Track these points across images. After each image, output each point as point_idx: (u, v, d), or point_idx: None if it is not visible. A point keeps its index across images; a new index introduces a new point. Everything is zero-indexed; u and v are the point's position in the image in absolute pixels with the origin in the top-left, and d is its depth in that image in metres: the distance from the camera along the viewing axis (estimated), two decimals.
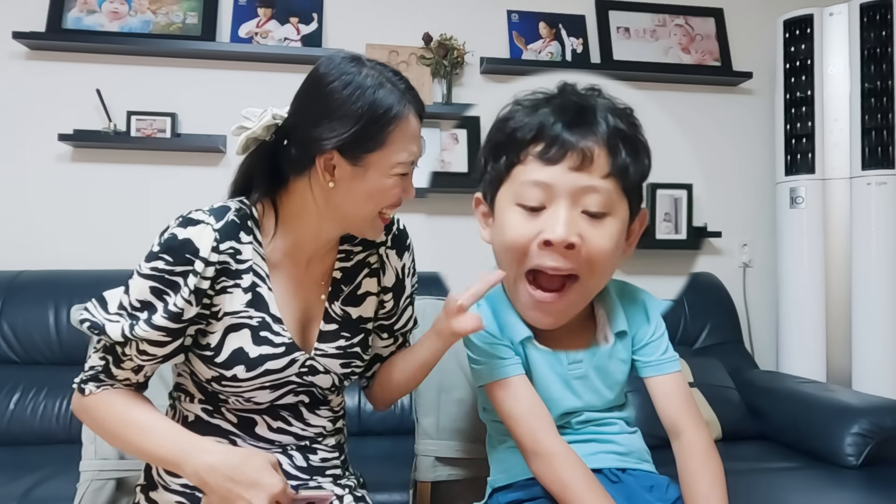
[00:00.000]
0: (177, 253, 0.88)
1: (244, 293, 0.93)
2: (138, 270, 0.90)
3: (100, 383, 0.93)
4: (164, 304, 0.88)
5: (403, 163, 0.90)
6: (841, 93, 2.31)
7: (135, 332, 0.87)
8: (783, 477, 1.56)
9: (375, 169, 0.89)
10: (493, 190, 0.87)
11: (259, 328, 0.94)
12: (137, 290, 0.89)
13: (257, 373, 0.93)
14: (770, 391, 1.95)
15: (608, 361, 1.02)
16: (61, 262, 2.12)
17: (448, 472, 1.33)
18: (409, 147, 0.90)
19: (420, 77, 2.40)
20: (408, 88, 0.91)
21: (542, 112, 0.80)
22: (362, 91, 0.87)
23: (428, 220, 2.40)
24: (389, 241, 1.07)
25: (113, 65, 2.27)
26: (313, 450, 1.02)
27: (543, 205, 0.79)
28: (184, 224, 0.90)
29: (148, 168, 2.28)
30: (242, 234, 0.94)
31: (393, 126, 0.87)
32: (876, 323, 2.20)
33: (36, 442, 1.75)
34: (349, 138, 0.86)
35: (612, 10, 2.58)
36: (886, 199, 2.21)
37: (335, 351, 1.00)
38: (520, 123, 0.81)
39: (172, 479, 0.97)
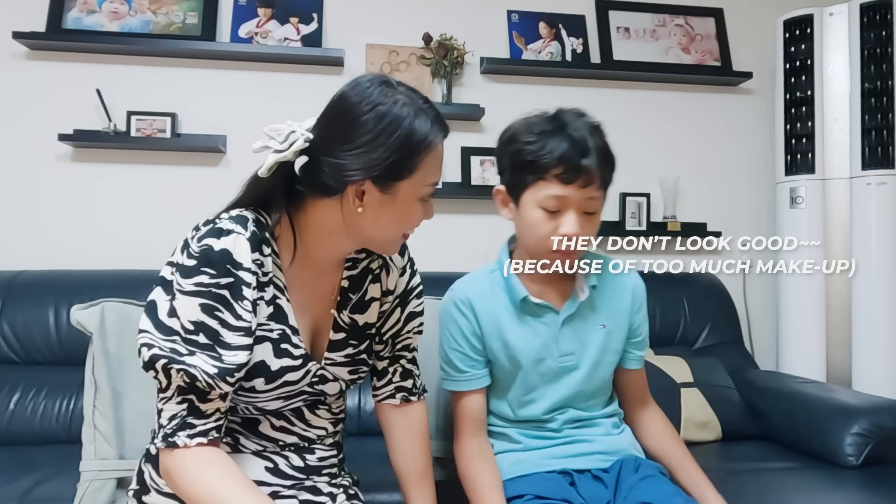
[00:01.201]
0: (217, 264, 0.86)
1: (267, 306, 0.93)
2: (179, 289, 0.86)
3: (191, 429, 0.86)
4: (221, 322, 0.86)
5: (430, 186, 0.93)
6: (841, 93, 2.31)
7: (228, 362, 0.85)
8: (783, 477, 1.56)
9: (405, 195, 0.90)
10: (517, 191, 1.13)
11: (280, 340, 0.94)
12: (187, 311, 0.86)
13: (276, 385, 0.94)
14: (770, 391, 1.95)
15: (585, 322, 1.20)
16: (61, 262, 2.12)
17: (447, 473, 1.33)
18: (436, 173, 0.93)
19: (420, 77, 2.40)
20: (437, 116, 0.92)
21: (559, 143, 1.07)
22: (398, 122, 0.87)
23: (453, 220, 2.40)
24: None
25: (113, 65, 2.27)
26: (311, 450, 1.03)
27: (559, 209, 1.09)
28: (216, 235, 0.88)
29: (148, 168, 2.28)
30: (263, 246, 0.92)
31: (424, 154, 0.89)
32: (876, 323, 2.20)
33: (36, 442, 1.75)
34: (384, 169, 0.87)
35: (612, 10, 2.58)
36: (886, 199, 2.21)
37: (344, 359, 1.02)
38: (543, 151, 1.07)
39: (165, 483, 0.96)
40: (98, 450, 1.17)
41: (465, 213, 2.43)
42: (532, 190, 1.10)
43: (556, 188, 1.07)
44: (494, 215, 2.39)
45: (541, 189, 1.09)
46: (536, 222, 1.11)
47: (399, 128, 0.86)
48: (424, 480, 1.10)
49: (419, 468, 1.10)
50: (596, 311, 1.20)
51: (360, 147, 0.86)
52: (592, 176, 1.07)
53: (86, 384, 1.21)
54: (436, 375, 1.33)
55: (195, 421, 0.87)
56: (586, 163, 1.06)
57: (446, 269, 2.23)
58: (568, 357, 1.18)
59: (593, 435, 1.20)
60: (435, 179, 0.93)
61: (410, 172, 0.88)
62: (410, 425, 1.12)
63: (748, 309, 2.60)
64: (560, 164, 1.06)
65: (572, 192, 1.07)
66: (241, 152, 2.27)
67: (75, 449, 1.19)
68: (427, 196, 0.93)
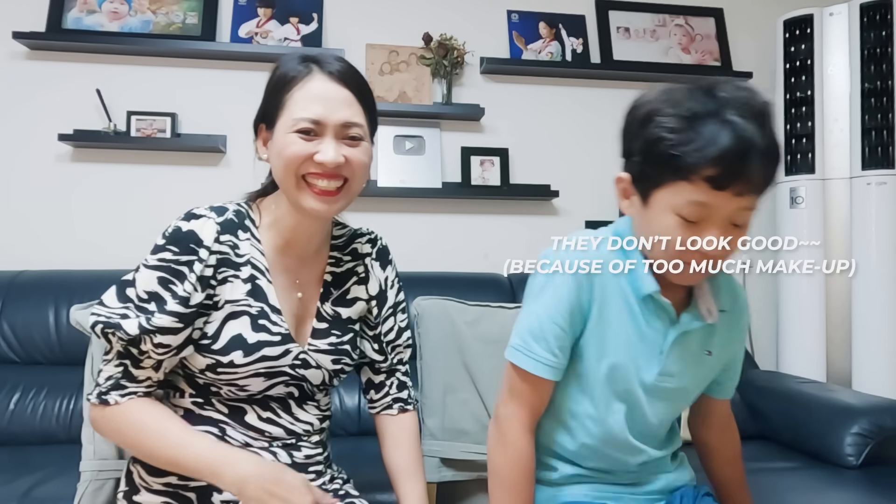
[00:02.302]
0: (182, 243, 0.93)
1: (244, 283, 0.98)
2: (144, 263, 0.94)
3: (123, 390, 0.94)
4: (172, 293, 0.92)
5: (302, 119, 0.94)
6: (841, 93, 2.31)
7: (152, 322, 0.90)
8: (783, 477, 1.56)
9: (280, 129, 0.96)
10: (647, 186, 0.89)
11: (258, 316, 0.97)
12: (144, 282, 0.93)
13: (254, 358, 0.96)
14: (770, 391, 1.95)
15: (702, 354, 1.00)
16: (61, 262, 2.12)
17: (453, 474, 1.33)
18: (308, 106, 0.94)
19: (420, 77, 2.40)
20: (328, 62, 0.97)
21: (712, 132, 0.81)
22: (273, 70, 1.00)
23: (453, 220, 2.41)
24: (374, 254, 1.14)
25: (113, 65, 2.27)
26: (297, 447, 1.04)
27: (702, 219, 0.85)
28: (187, 218, 0.96)
29: (148, 168, 2.28)
30: (240, 231, 0.99)
31: (292, 89, 0.95)
32: (876, 323, 2.20)
33: (36, 442, 1.75)
34: (263, 108, 1.00)
35: (612, 10, 2.58)
36: (886, 199, 2.21)
37: (327, 347, 1.04)
38: (691, 142, 0.82)
39: (154, 480, 0.98)
40: (97, 449, 1.17)
41: (466, 213, 2.43)
42: (669, 190, 0.85)
43: (703, 194, 0.82)
44: (495, 215, 2.39)
45: (682, 192, 0.84)
46: (667, 230, 0.87)
47: (273, 74, 0.99)
48: (415, 475, 1.12)
49: (410, 465, 1.13)
50: (709, 337, 1.00)
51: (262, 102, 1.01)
52: (753, 181, 0.82)
53: (85, 384, 1.20)
54: (444, 378, 1.33)
55: (127, 383, 0.94)
56: (750, 164, 0.81)
57: (447, 270, 2.24)
58: (668, 378, 0.97)
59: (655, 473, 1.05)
60: (307, 111, 0.94)
61: (282, 107, 0.96)
62: (403, 428, 1.16)
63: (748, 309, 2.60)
64: (714, 166, 0.81)
65: (724, 200, 0.83)
66: (241, 152, 2.26)
67: (75, 449, 1.19)
68: (304, 129, 0.94)
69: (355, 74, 0.99)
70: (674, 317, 0.95)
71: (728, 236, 0.86)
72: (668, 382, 0.97)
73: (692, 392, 1.05)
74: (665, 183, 0.85)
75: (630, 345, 0.95)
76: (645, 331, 0.95)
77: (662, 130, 0.84)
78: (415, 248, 2.34)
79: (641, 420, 0.99)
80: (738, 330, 1.07)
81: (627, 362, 0.96)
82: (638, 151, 0.89)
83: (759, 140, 0.81)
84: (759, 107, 0.84)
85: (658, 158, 0.85)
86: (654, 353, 0.96)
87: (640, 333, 0.95)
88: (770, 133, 0.84)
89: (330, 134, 0.94)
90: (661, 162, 0.85)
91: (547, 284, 0.95)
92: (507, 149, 2.43)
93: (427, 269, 2.17)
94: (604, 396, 0.98)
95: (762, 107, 0.85)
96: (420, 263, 2.21)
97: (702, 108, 0.82)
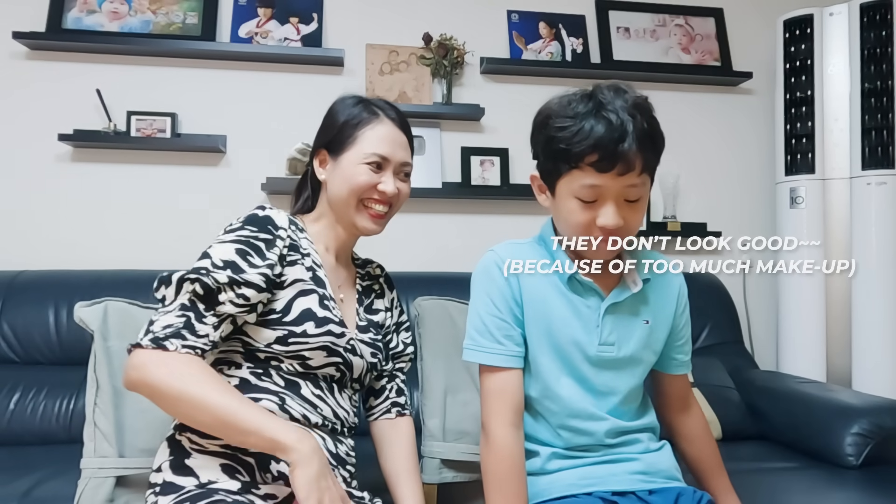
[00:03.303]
0: (261, 224, 1.05)
1: (307, 270, 1.09)
2: (219, 240, 1.02)
3: (184, 340, 0.93)
4: (250, 264, 0.99)
5: (372, 154, 1.12)
6: (841, 93, 2.31)
7: (243, 276, 0.98)
8: (783, 477, 1.56)
9: (349, 158, 1.13)
10: (552, 179, 1.05)
11: (322, 298, 1.08)
12: (222, 253, 0.99)
13: (323, 330, 1.05)
14: (770, 391, 1.95)
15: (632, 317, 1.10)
16: (61, 262, 2.12)
17: (454, 475, 1.33)
18: (378, 144, 1.13)
19: (420, 77, 2.40)
20: (388, 107, 1.18)
21: (589, 126, 0.97)
22: (345, 108, 1.17)
23: (453, 220, 2.41)
24: (384, 277, 1.31)
25: (113, 65, 2.27)
26: (340, 441, 1.10)
27: (596, 199, 1.00)
28: (260, 209, 1.08)
29: (148, 168, 2.28)
30: (298, 231, 1.13)
31: (363, 128, 1.14)
32: (876, 323, 2.20)
33: (36, 442, 1.75)
34: (332, 138, 1.16)
35: (612, 10, 2.58)
36: (886, 199, 2.21)
37: (369, 340, 1.17)
38: (576, 137, 0.98)
39: (210, 442, 0.98)
40: (98, 448, 1.18)
41: (466, 213, 2.44)
42: (566, 179, 1.01)
43: (591, 177, 0.98)
44: (495, 215, 2.40)
45: (575, 178, 0.99)
46: (572, 213, 1.02)
47: (343, 112, 1.16)
48: (413, 478, 1.18)
49: (407, 467, 1.19)
50: (642, 306, 1.11)
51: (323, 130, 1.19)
52: (632, 162, 0.97)
53: (88, 382, 1.21)
54: (445, 379, 1.33)
55: (188, 334, 0.94)
56: (624, 148, 0.95)
57: (447, 270, 2.23)
58: (608, 347, 1.07)
59: (635, 452, 1.10)
60: (377, 148, 1.13)
61: (353, 142, 1.13)
62: (400, 432, 1.23)
63: (748, 309, 2.60)
64: (595, 152, 0.96)
65: (609, 180, 0.97)
66: (241, 152, 2.26)
67: (75, 449, 1.19)
68: (374, 162, 1.13)
69: (407, 122, 1.20)
70: (601, 293, 1.08)
71: (625, 211, 1.01)
72: (609, 352, 1.08)
73: (643, 360, 1.12)
74: (562, 174, 1.01)
75: (567, 324, 1.07)
76: (581, 309, 1.08)
77: (554, 130, 1.00)
78: (415, 247, 2.34)
79: (594, 391, 1.08)
80: (667, 296, 1.15)
81: (568, 339, 1.07)
82: (540, 151, 1.06)
83: (631, 128, 0.96)
84: (632, 101, 0.99)
85: (554, 154, 1.01)
86: (592, 326, 1.07)
87: (576, 312, 1.07)
88: (642, 122, 0.97)
89: (391, 169, 1.15)
90: (556, 156, 1.01)
91: (482, 287, 1.10)
92: (507, 149, 2.43)
93: (427, 269, 2.17)
94: (552, 374, 1.07)
95: (635, 101, 0.99)
96: (420, 263, 2.21)
97: (583, 109, 0.98)
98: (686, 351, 1.20)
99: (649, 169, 1.01)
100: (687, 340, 1.20)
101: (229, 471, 0.97)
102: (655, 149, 1.02)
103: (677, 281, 1.18)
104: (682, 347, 1.19)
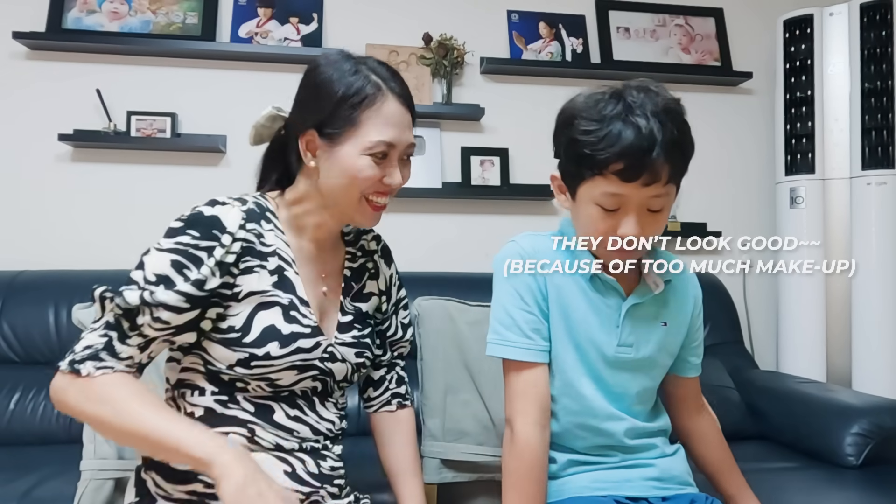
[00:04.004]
0: (204, 227, 0.91)
1: (270, 275, 0.96)
2: (157, 247, 0.90)
3: (100, 363, 0.85)
4: (185, 277, 0.88)
5: (378, 142, 0.94)
6: (841, 93, 2.31)
7: (155, 297, 0.86)
8: (783, 477, 1.56)
9: (349, 148, 0.94)
10: (573, 182, 1.00)
11: (289, 308, 0.96)
12: (155, 264, 0.88)
13: (291, 349, 0.94)
14: (770, 391, 1.95)
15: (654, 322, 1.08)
16: (61, 262, 2.12)
17: (454, 475, 1.33)
18: (383, 129, 0.94)
19: (420, 77, 2.40)
20: (390, 77, 0.97)
21: (617, 131, 0.92)
22: (340, 76, 0.95)
23: (453, 220, 2.41)
24: (380, 251, 1.16)
25: (113, 65, 2.27)
26: (323, 456, 1.01)
27: (618, 208, 0.96)
28: (210, 204, 0.94)
29: (148, 168, 2.28)
30: (263, 221, 0.98)
31: (365, 109, 0.93)
32: (876, 323, 2.20)
33: (36, 442, 1.75)
34: (324, 117, 0.94)
35: (612, 10, 2.58)
36: (886, 199, 2.21)
37: (351, 340, 1.04)
38: (602, 144, 0.93)
39: (175, 488, 0.92)
40: (98, 449, 1.17)
41: (466, 213, 2.44)
42: (588, 185, 0.97)
43: (614, 186, 0.94)
44: (495, 215, 2.39)
45: (598, 185, 0.95)
46: (592, 220, 0.98)
47: (340, 82, 0.94)
48: (415, 476, 1.14)
49: (409, 465, 1.14)
50: (661, 308, 1.08)
51: (310, 102, 0.97)
52: (658, 173, 0.93)
53: None
54: (445, 379, 1.33)
55: (106, 357, 0.86)
56: (652, 158, 0.91)
57: (447, 270, 2.23)
58: (626, 349, 1.04)
59: (650, 458, 1.07)
60: (382, 135, 0.94)
61: (352, 124, 0.93)
62: (401, 426, 1.17)
63: (748, 309, 2.60)
64: (620, 160, 0.92)
65: (633, 190, 0.94)
66: (241, 152, 2.26)
67: (75, 449, 1.19)
68: (379, 153, 0.95)
69: (409, 92, 1.00)
70: (623, 293, 1.05)
71: (646, 221, 0.97)
72: (628, 353, 1.05)
73: (659, 363, 1.10)
74: (585, 179, 0.97)
75: (588, 323, 1.04)
76: (601, 308, 1.05)
77: (578, 133, 0.95)
78: (415, 248, 2.34)
79: (610, 391, 1.06)
80: (685, 299, 1.13)
81: (588, 339, 1.04)
82: (562, 152, 1.01)
83: (660, 136, 0.92)
84: (662, 105, 0.94)
85: (577, 157, 0.96)
86: (612, 327, 1.04)
87: (596, 310, 1.04)
88: (672, 129, 0.93)
89: (397, 156, 0.97)
90: (580, 160, 0.96)
91: (506, 280, 1.05)
92: (507, 149, 2.43)
93: (427, 269, 2.17)
94: (574, 373, 1.04)
95: (666, 105, 0.95)
96: (420, 263, 2.21)
97: (611, 111, 0.93)
98: (699, 353, 1.18)
99: (676, 178, 0.97)
100: (700, 343, 1.18)
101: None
102: (684, 157, 0.98)
103: (693, 283, 1.17)
104: (696, 350, 1.17)
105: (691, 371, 1.17)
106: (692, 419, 1.19)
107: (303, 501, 0.96)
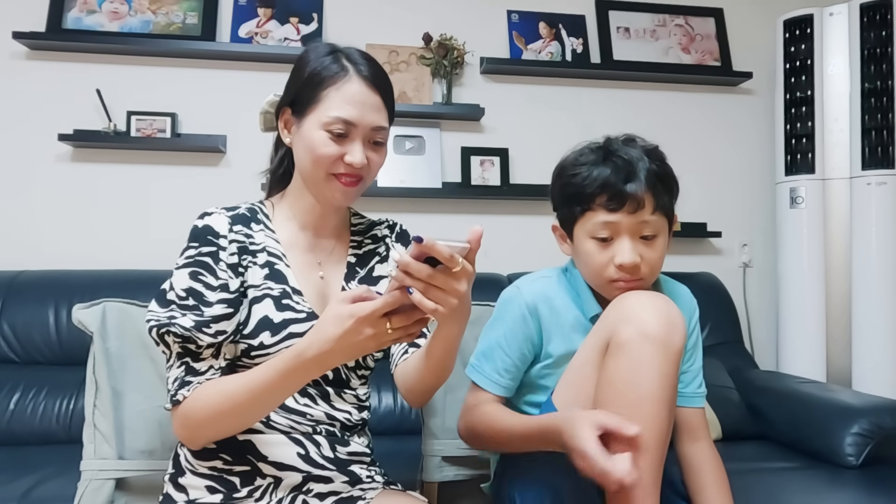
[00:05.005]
0: (200, 238, 0.99)
1: (261, 269, 1.02)
2: (175, 266, 0.99)
3: (189, 386, 0.95)
4: (205, 284, 0.97)
5: (335, 118, 0.98)
6: (841, 93, 2.31)
7: (205, 315, 0.95)
8: (783, 477, 1.56)
9: (310, 122, 1.00)
10: (570, 225, 1.12)
11: (281, 297, 1.01)
12: (179, 281, 0.98)
13: (282, 336, 0.99)
14: (770, 391, 1.95)
15: None
16: (61, 262, 2.12)
17: (455, 472, 1.34)
18: (342, 106, 0.99)
19: (420, 77, 2.40)
20: (362, 62, 1.02)
21: (601, 171, 1.05)
22: (315, 58, 1.03)
23: (453, 220, 2.41)
24: (394, 236, 1.18)
25: (113, 65, 2.27)
26: (344, 441, 1.05)
27: (612, 237, 1.06)
28: (200, 217, 1.02)
29: (148, 168, 2.28)
30: (252, 224, 1.05)
31: (327, 86, 0.99)
32: (876, 323, 2.20)
33: (36, 442, 1.75)
34: (294, 95, 1.03)
35: (612, 10, 2.58)
36: (886, 199, 2.21)
37: None
38: (587, 181, 1.06)
39: (200, 463, 1.00)
40: (98, 449, 1.17)
41: (466, 213, 2.44)
42: (581, 221, 1.08)
43: (604, 216, 1.05)
44: (495, 215, 2.40)
45: (589, 219, 1.07)
46: (590, 254, 1.08)
47: (309, 65, 1.02)
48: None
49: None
50: None
51: (289, 85, 1.06)
52: (641, 200, 1.04)
53: (87, 384, 1.21)
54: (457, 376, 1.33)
55: (191, 378, 0.96)
56: (632, 187, 1.03)
57: None
58: None
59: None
60: (341, 111, 0.98)
61: (316, 102, 1.00)
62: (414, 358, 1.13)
63: (748, 309, 2.60)
64: (604, 192, 1.04)
65: (621, 218, 1.04)
66: (241, 152, 2.26)
67: (75, 449, 1.20)
68: (338, 131, 0.99)
69: (385, 79, 1.04)
70: None
71: (641, 248, 1.06)
72: None
73: None
74: (577, 217, 1.09)
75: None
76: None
77: (567, 178, 1.09)
78: None
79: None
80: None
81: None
82: (557, 200, 1.14)
83: (638, 167, 1.04)
84: (642, 147, 1.08)
85: (568, 199, 1.10)
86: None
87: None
88: (650, 163, 1.05)
89: (359, 137, 1.00)
90: (570, 201, 1.09)
91: (502, 317, 1.16)
92: (507, 149, 2.43)
93: None
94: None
95: (645, 148, 1.08)
96: None
97: (594, 158, 1.08)
98: (697, 383, 1.19)
99: (662, 208, 1.06)
100: (699, 368, 1.20)
101: (213, 490, 0.99)
102: (667, 189, 1.07)
103: (690, 307, 1.22)
104: (696, 381, 1.18)
105: (688, 401, 1.17)
106: (688, 449, 1.16)
107: (309, 476, 1.00)
